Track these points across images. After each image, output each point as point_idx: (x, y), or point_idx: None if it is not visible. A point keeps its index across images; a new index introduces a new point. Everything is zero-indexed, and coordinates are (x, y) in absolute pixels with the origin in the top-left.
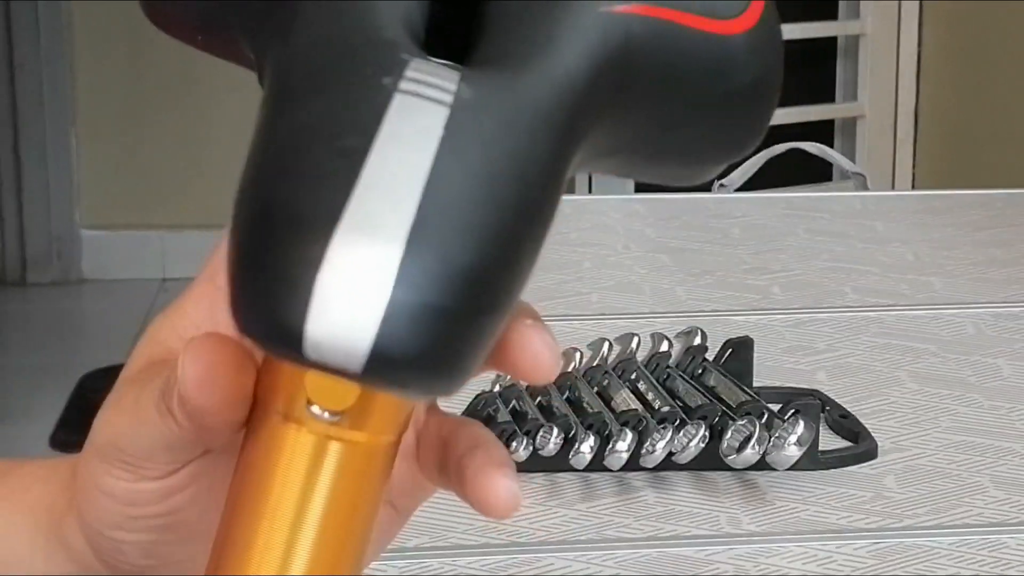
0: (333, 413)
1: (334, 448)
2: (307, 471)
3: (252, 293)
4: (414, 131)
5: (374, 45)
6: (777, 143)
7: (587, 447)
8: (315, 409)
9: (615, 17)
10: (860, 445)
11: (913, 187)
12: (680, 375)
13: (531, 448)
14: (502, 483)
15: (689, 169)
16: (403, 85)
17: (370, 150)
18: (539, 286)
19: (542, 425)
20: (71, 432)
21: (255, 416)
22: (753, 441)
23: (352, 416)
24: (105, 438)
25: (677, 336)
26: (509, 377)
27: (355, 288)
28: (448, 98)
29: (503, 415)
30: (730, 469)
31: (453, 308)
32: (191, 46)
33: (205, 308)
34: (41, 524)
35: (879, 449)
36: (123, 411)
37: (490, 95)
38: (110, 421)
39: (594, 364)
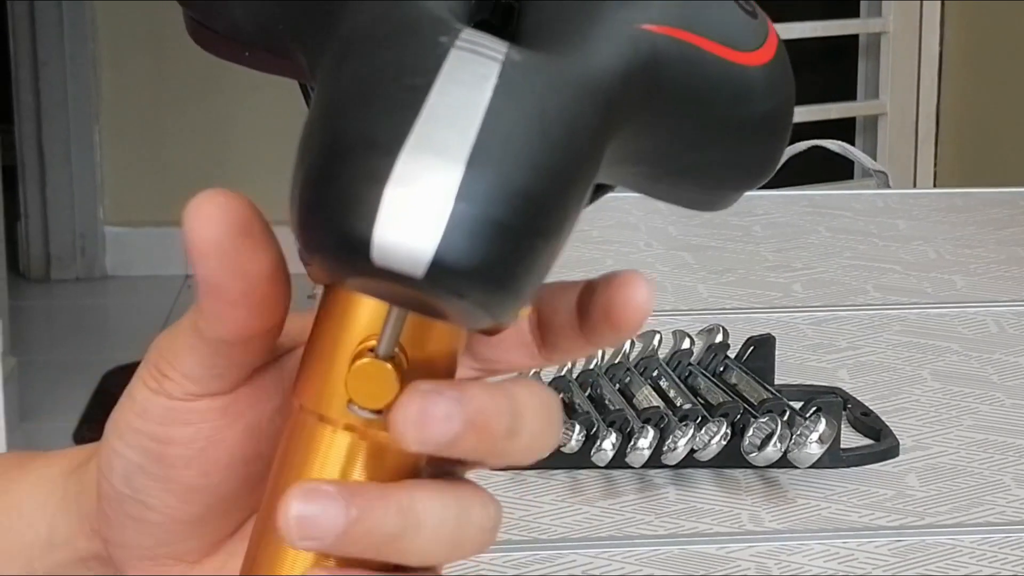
0: (372, 412)
1: (369, 448)
2: (342, 471)
3: (322, 209)
4: (471, 76)
5: (428, 18)
6: (799, 141)
7: (609, 444)
8: (355, 408)
9: (645, 33)
10: (882, 443)
11: (935, 185)
12: (702, 372)
13: None
14: (642, 288)
15: (706, 194)
16: (459, 43)
17: (432, 87)
18: None
19: (564, 422)
20: (95, 428)
21: (291, 415)
22: (775, 439)
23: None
24: (159, 337)
25: (699, 334)
26: (531, 373)
27: (420, 199)
28: (500, 56)
29: None
30: (752, 467)
31: (509, 223)
32: (237, 64)
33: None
34: (56, 488)
35: (901, 447)
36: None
37: (537, 63)
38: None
39: (616, 361)
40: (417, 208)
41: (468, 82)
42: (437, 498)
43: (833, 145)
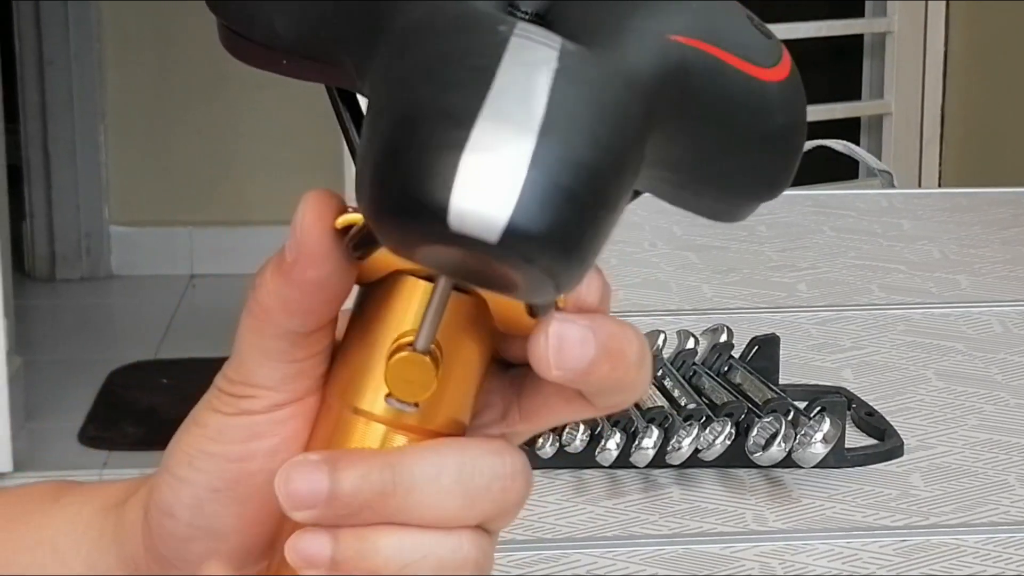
0: (410, 405)
1: (401, 440)
2: None
3: (399, 175)
4: (533, 59)
5: (482, 12)
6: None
7: (613, 444)
8: (393, 401)
9: (674, 43)
10: (886, 443)
11: (940, 185)
12: (706, 372)
13: (557, 445)
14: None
15: (726, 204)
16: (517, 31)
17: (498, 67)
18: None
19: (568, 422)
20: (100, 428)
21: (323, 412)
22: (779, 438)
23: (424, 410)
24: (220, 372)
25: (703, 333)
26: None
27: (496, 167)
28: (557, 45)
29: None
30: (756, 466)
31: (578, 193)
32: (274, 72)
33: None
34: (92, 526)
35: (905, 447)
36: (236, 342)
37: (589, 55)
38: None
39: None
40: (492, 175)
41: (531, 64)
42: (431, 453)
43: (838, 145)
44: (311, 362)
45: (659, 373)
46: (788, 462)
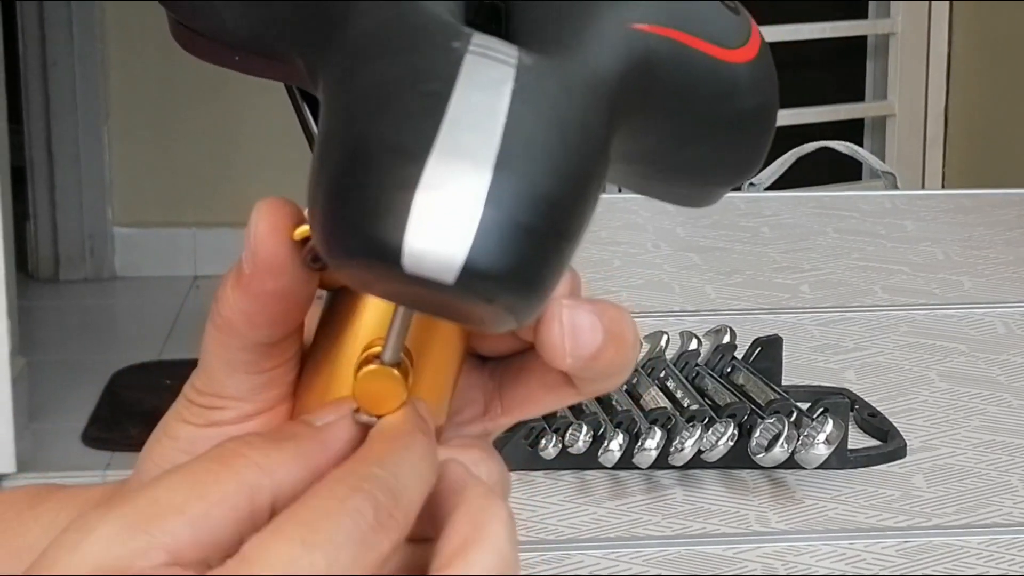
0: (377, 417)
1: None
2: None
3: (350, 215)
4: (488, 80)
5: (436, 22)
6: (807, 142)
7: (616, 445)
8: (361, 416)
9: (637, 32)
10: (889, 444)
11: (943, 186)
12: (709, 373)
13: (560, 446)
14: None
15: (696, 190)
16: (472, 48)
17: (452, 93)
18: None
19: (571, 423)
20: (103, 429)
21: (292, 419)
22: (782, 439)
23: None
24: (189, 382)
25: (706, 334)
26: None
27: (450, 205)
28: (513, 61)
29: None
30: (759, 467)
31: (537, 227)
32: (224, 67)
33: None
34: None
35: (908, 448)
36: (202, 354)
37: (546, 66)
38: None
39: None
40: (447, 214)
41: (486, 87)
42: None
43: (841, 146)
44: (280, 371)
45: (662, 374)
46: (791, 463)
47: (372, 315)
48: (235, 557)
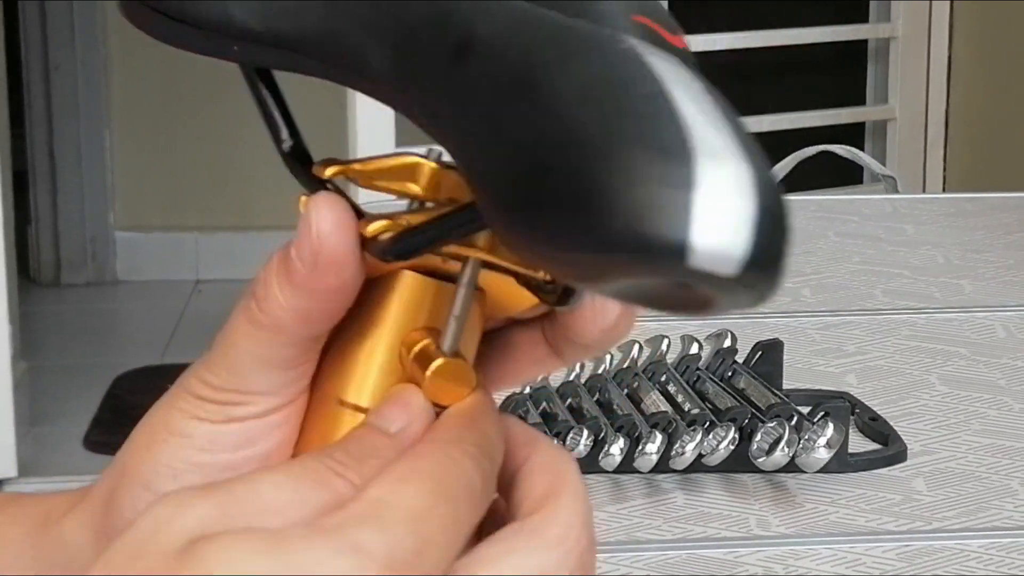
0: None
1: None
2: None
3: (611, 213)
4: (679, 77)
5: (592, 21)
6: (807, 145)
7: (617, 449)
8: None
9: (639, 24)
10: (889, 448)
11: (944, 190)
12: (710, 377)
13: None
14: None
15: None
16: (638, 46)
17: (670, 94)
18: None
19: (572, 427)
20: (105, 433)
21: (317, 410)
22: (783, 443)
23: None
24: (196, 379)
25: (707, 338)
26: (539, 379)
27: (727, 202)
28: (668, 54)
29: (533, 416)
30: (759, 471)
31: (780, 212)
32: (185, 50)
33: None
34: (31, 534)
35: (908, 452)
36: (214, 346)
37: (679, 55)
38: (202, 361)
39: (624, 366)
40: (726, 211)
41: (685, 84)
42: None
43: (842, 150)
44: (310, 364)
45: (663, 378)
46: (791, 467)
47: (414, 308)
48: (361, 499)
